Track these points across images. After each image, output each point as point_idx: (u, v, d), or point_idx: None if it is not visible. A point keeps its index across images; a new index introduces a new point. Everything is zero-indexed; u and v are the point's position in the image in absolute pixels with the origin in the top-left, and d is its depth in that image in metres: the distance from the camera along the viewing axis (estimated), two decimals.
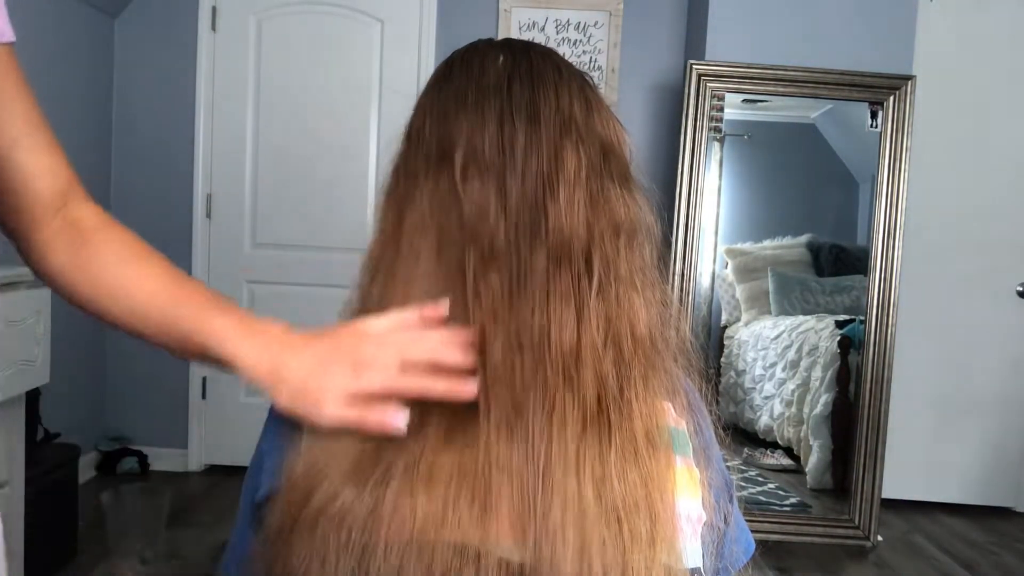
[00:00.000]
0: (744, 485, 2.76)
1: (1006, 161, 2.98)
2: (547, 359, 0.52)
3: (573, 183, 0.56)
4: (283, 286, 2.97)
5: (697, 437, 0.58)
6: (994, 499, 3.06)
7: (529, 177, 0.56)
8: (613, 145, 0.61)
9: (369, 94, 3.00)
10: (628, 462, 0.51)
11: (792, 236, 2.92)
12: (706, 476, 0.57)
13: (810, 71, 2.61)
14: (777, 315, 2.92)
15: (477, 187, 0.56)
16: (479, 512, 0.49)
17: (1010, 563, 2.56)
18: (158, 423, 3.01)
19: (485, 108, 0.57)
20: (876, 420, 2.60)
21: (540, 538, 0.48)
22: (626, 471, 0.51)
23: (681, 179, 2.64)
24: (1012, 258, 2.97)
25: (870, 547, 2.61)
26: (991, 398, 3.02)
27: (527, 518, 0.49)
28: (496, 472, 0.49)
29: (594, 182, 0.58)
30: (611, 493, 0.50)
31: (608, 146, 0.60)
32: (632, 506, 0.50)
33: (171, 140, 2.99)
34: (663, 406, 0.56)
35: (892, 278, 2.62)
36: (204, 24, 2.96)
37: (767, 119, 2.90)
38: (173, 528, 2.29)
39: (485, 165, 0.56)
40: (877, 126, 2.65)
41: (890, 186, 2.62)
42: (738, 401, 2.97)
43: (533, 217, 0.55)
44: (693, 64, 2.63)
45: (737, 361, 2.96)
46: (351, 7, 2.97)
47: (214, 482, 2.93)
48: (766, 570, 2.38)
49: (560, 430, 0.51)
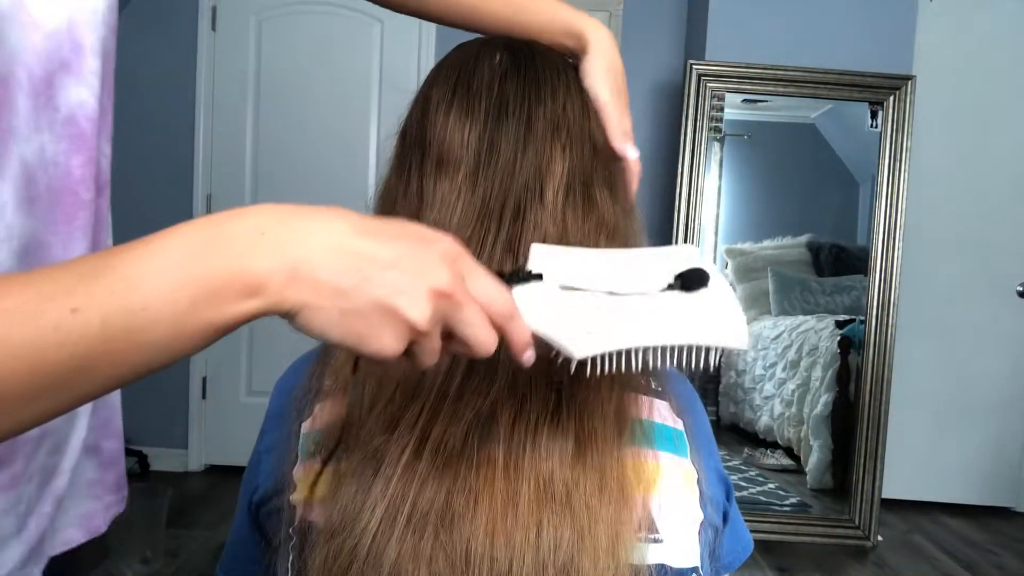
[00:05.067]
0: (744, 485, 2.76)
1: (1006, 161, 2.98)
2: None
3: (559, 184, 0.56)
4: None
5: (693, 436, 0.58)
6: (994, 499, 3.06)
7: (515, 176, 0.55)
8: (605, 148, 0.61)
9: (369, 94, 3.00)
10: (583, 457, 0.51)
11: (792, 236, 2.92)
12: (703, 475, 0.57)
13: (810, 71, 2.61)
14: (777, 315, 2.91)
15: (447, 187, 0.55)
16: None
17: (1010, 563, 2.56)
18: (158, 423, 3.01)
19: (475, 106, 0.57)
20: (876, 420, 2.60)
21: (512, 534, 0.48)
22: (579, 467, 0.50)
23: (681, 179, 2.64)
24: (1012, 258, 2.97)
25: (870, 547, 2.61)
26: (991, 398, 3.02)
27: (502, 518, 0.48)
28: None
29: (580, 185, 0.57)
30: (563, 487, 0.49)
31: (600, 149, 0.60)
32: (582, 504, 0.49)
33: (171, 140, 3.00)
34: (634, 400, 0.56)
35: (892, 278, 2.62)
36: (204, 24, 2.97)
37: (767, 119, 2.89)
38: (173, 528, 2.30)
39: (464, 163, 0.56)
40: (877, 126, 2.65)
41: (890, 186, 2.62)
42: (738, 401, 2.96)
43: (513, 216, 0.55)
44: (693, 64, 2.63)
45: (737, 361, 2.96)
46: (351, 7, 2.96)
47: (214, 482, 2.93)
48: (766, 570, 2.38)
49: (522, 426, 0.51)
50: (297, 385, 0.60)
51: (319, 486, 0.53)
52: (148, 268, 0.34)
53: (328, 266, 0.36)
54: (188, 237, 0.35)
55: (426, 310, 0.37)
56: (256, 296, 0.35)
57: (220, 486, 2.89)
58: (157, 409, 3.01)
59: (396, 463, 0.49)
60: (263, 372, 3.00)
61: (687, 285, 0.45)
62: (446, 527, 0.48)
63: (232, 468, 2.98)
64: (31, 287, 0.32)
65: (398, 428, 0.50)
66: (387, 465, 0.49)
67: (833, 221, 2.98)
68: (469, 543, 0.47)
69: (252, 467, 0.62)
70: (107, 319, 0.32)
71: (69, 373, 0.32)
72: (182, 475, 2.99)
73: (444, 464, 0.49)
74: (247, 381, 3.03)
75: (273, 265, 0.35)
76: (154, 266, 0.34)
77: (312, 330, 0.36)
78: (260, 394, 2.98)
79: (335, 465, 0.52)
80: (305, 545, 0.51)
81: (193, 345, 0.35)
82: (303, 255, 0.35)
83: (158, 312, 0.33)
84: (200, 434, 3.05)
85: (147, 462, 2.98)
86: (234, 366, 3.02)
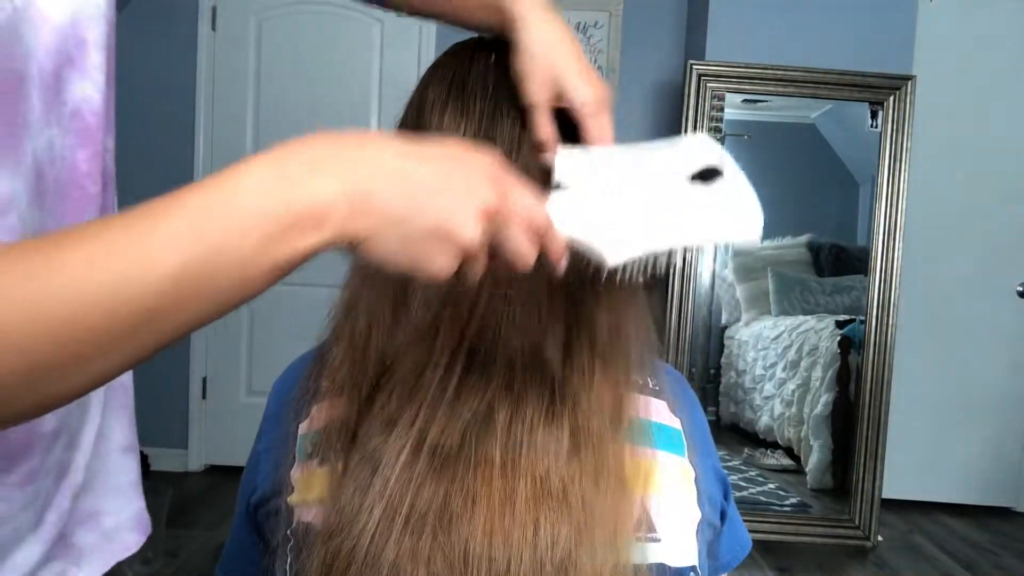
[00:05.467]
0: (744, 485, 2.76)
1: (1006, 161, 2.98)
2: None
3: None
4: (283, 286, 2.96)
5: (691, 435, 0.58)
6: (994, 499, 3.05)
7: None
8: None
9: (369, 93, 3.01)
10: (579, 451, 0.51)
11: (792, 236, 2.92)
12: (701, 474, 0.57)
13: (810, 71, 2.61)
14: (777, 315, 2.91)
15: None
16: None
17: (1010, 563, 2.56)
18: (158, 423, 3.01)
19: (470, 106, 0.57)
20: (876, 420, 2.60)
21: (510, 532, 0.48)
22: (575, 461, 0.50)
23: None
24: (1012, 258, 2.97)
25: (870, 547, 2.61)
26: (991, 398, 3.02)
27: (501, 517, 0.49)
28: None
29: None
30: (559, 483, 0.49)
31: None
32: (578, 499, 0.49)
33: (171, 140, 3.00)
34: (631, 397, 0.56)
35: (892, 278, 2.61)
36: (204, 23, 2.97)
37: (767, 119, 2.89)
38: (173, 528, 2.30)
39: None
40: (877, 126, 2.65)
41: (890, 186, 2.62)
42: (738, 401, 2.96)
43: None
44: (693, 64, 2.63)
45: (737, 361, 2.96)
46: (351, 6, 2.96)
47: (214, 482, 2.93)
48: (766, 570, 2.38)
49: (519, 425, 0.51)
50: (294, 386, 0.60)
51: (316, 487, 0.53)
52: (220, 208, 0.34)
53: (386, 194, 0.37)
54: (254, 175, 0.35)
55: (477, 230, 0.38)
56: (321, 228, 0.35)
57: (220, 486, 2.89)
58: (157, 409, 3.01)
59: (394, 464, 0.49)
60: (263, 372, 3.00)
61: (704, 176, 0.48)
62: (444, 528, 0.48)
63: (232, 468, 2.98)
64: (99, 238, 0.32)
65: (396, 428, 0.50)
66: (385, 466, 0.49)
67: (833, 221, 2.98)
68: (467, 543, 0.47)
69: (250, 468, 0.62)
70: (182, 264, 0.32)
71: (139, 323, 0.32)
72: (182, 475, 2.99)
73: (442, 464, 0.49)
74: (247, 381, 3.03)
75: (336, 197, 0.36)
76: (226, 205, 0.34)
77: (374, 258, 0.38)
78: (260, 394, 2.98)
79: (332, 466, 0.52)
80: (303, 547, 0.51)
81: (255, 289, 0.35)
82: (363, 185, 0.36)
83: (229, 254, 0.33)
84: (200, 434, 3.05)
85: (147, 462, 2.98)
86: (234, 366, 3.02)
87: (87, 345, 0.31)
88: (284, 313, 2.90)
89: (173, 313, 0.33)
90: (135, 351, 0.33)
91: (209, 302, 0.34)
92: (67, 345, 0.31)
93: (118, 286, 0.31)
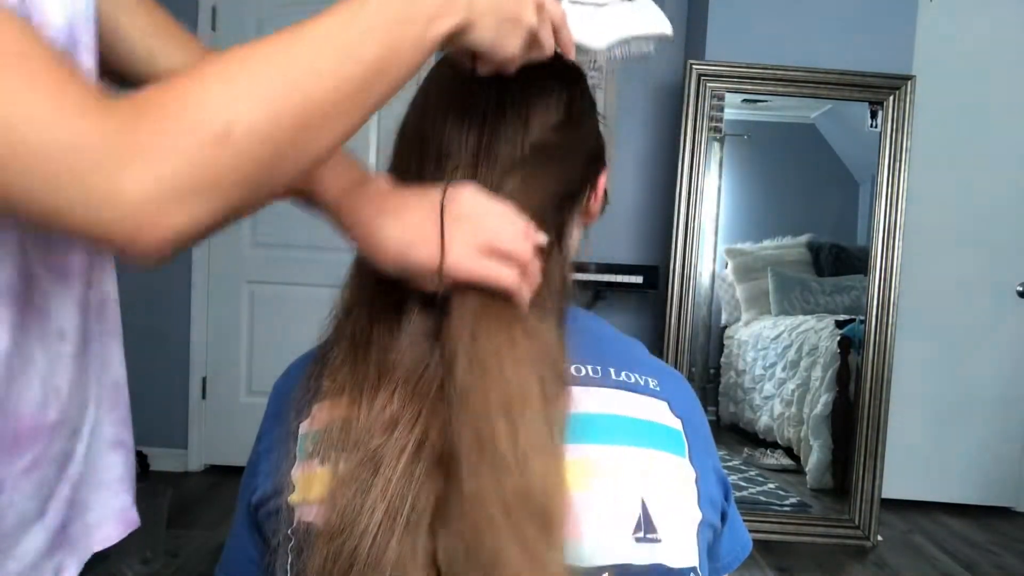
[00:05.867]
0: (744, 485, 2.76)
1: (1006, 161, 2.98)
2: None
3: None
4: (283, 286, 2.97)
5: (691, 436, 0.58)
6: (994, 499, 3.06)
7: (511, 175, 0.56)
8: (595, 150, 0.63)
9: None
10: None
11: (792, 236, 2.92)
12: (701, 475, 0.57)
13: (810, 71, 2.61)
14: (777, 315, 2.92)
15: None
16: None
17: (1010, 563, 2.56)
18: (158, 423, 3.01)
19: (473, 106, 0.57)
20: (876, 420, 2.60)
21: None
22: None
23: (681, 179, 2.64)
24: (1012, 258, 2.97)
25: (870, 547, 2.61)
26: (991, 398, 3.02)
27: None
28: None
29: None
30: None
31: (595, 153, 0.62)
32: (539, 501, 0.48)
33: None
34: (632, 399, 0.56)
35: (892, 278, 2.62)
36: (204, 24, 2.97)
37: (767, 119, 2.89)
38: (173, 528, 2.30)
39: (463, 162, 0.57)
40: (877, 126, 2.65)
41: (890, 186, 2.62)
42: (738, 401, 2.96)
43: None
44: (693, 64, 2.63)
45: (737, 361, 2.96)
46: None
47: (214, 482, 2.93)
48: (766, 570, 2.38)
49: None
50: (295, 386, 0.59)
51: (317, 487, 0.53)
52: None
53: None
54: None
55: (535, 17, 0.52)
56: (455, 14, 0.47)
57: (220, 486, 2.89)
58: (157, 409, 3.01)
59: (396, 464, 0.49)
60: (263, 372, 3.00)
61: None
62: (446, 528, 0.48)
63: (232, 468, 2.98)
64: (315, 32, 0.45)
65: (397, 429, 0.50)
66: (386, 466, 0.49)
67: (833, 221, 2.98)
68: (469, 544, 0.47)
69: (251, 468, 0.62)
70: (382, 43, 0.44)
71: (356, 91, 0.43)
72: (182, 475, 2.99)
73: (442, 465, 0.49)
74: (247, 381, 3.03)
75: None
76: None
77: (474, 40, 0.49)
78: (260, 394, 2.98)
79: (333, 466, 0.52)
80: (304, 547, 0.51)
81: (418, 64, 0.47)
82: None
83: (412, 28, 0.46)
84: (200, 434, 3.05)
85: (147, 462, 2.98)
86: (234, 366, 3.02)
87: (328, 105, 0.42)
88: (284, 313, 2.90)
89: (377, 85, 0.44)
90: (353, 119, 0.44)
91: (395, 77, 0.45)
92: (321, 105, 0.42)
93: (343, 63, 0.43)
